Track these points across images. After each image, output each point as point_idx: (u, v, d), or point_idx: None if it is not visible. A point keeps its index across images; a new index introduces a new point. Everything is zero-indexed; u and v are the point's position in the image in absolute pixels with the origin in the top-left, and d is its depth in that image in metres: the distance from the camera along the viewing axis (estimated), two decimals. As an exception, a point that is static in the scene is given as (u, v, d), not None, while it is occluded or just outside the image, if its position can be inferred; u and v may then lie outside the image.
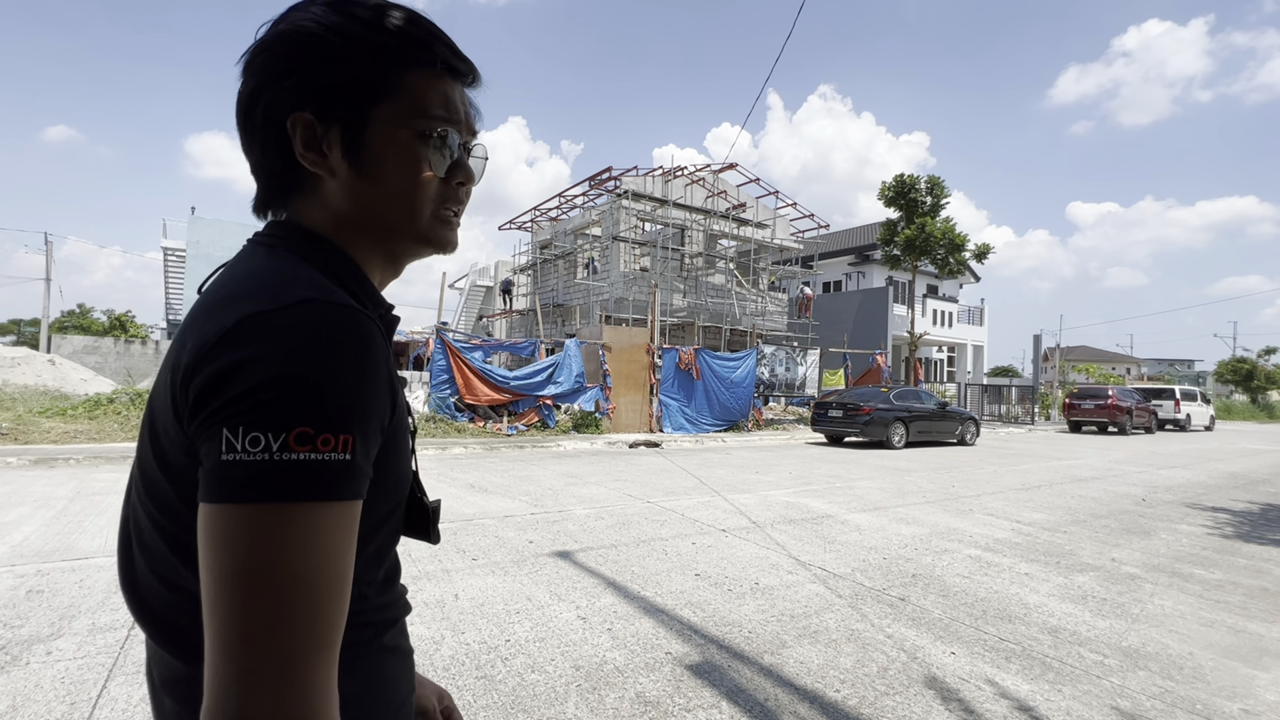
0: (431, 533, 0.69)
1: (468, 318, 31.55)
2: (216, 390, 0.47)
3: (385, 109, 0.59)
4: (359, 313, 0.52)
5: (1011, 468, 10.45)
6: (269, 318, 0.49)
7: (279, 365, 0.47)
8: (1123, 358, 66.76)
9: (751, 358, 16.15)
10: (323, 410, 0.47)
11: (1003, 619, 3.43)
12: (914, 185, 21.71)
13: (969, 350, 32.22)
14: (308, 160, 0.58)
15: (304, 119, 0.58)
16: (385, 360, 0.53)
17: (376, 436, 0.52)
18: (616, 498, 6.58)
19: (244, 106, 0.60)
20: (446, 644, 2.88)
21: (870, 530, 5.44)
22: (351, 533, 0.49)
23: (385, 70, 0.59)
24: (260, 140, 0.60)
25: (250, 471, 0.45)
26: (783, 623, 3.27)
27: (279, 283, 0.53)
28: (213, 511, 0.46)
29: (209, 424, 0.47)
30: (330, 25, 0.58)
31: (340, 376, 0.48)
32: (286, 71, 0.58)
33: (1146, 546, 5.23)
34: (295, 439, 0.46)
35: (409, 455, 0.64)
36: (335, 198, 0.61)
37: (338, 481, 0.47)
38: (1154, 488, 8.62)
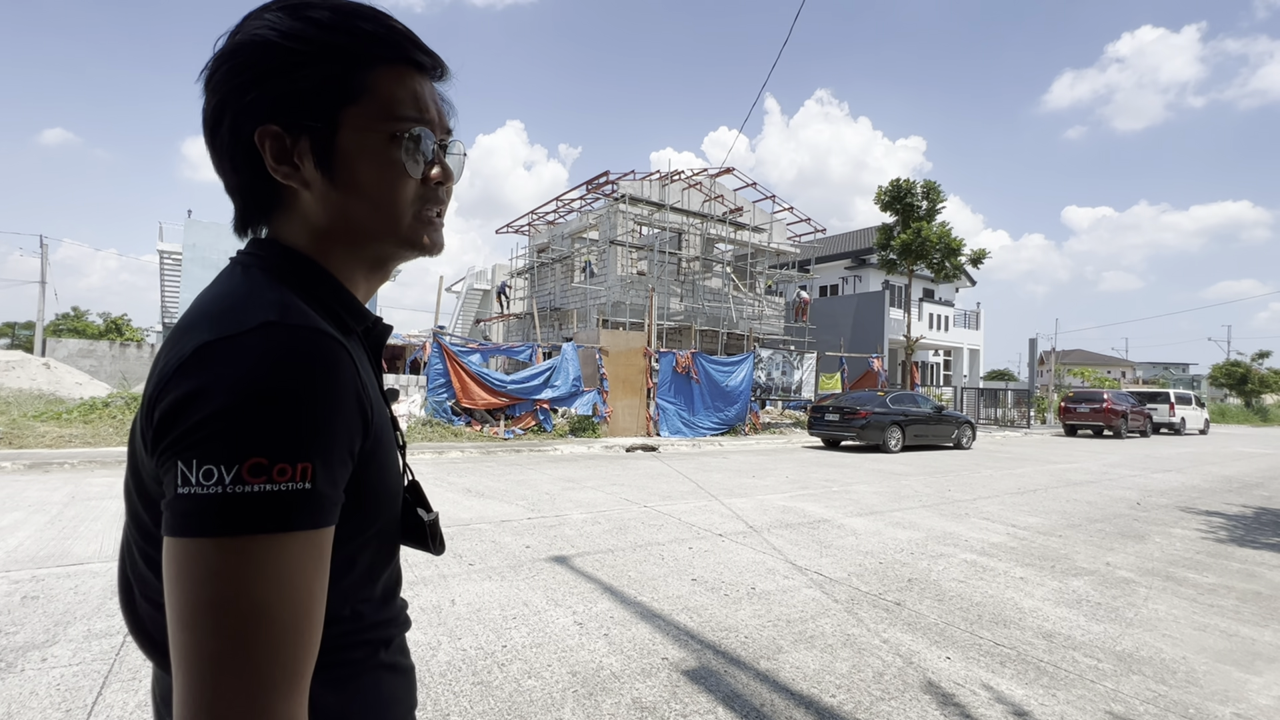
0: (432, 544, 0.69)
1: (465, 321, 31.53)
2: (172, 422, 0.47)
3: (354, 113, 0.58)
4: (320, 334, 0.51)
5: (1007, 471, 10.48)
6: (224, 345, 0.48)
7: (231, 394, 0.46)
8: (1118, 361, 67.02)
9: (748, 361, 16.18)
10: (277, 439, 0.46)
11: (998, 623, 3.44)
12: (910, 190, 21.80)
13: (965, 354, 32.32)
14: (280, 174, 0.57)
15: (271, 131, 0.56)
16: (351, 381, 0.52)
17: (345, 460, 0.52)
18: (613, 502, 6.58)
19: (209, 124, 0.58)
20: (443, 650, 2.88)
21: (866, 535, 5.45)
22: (319, 561, 0.49)
23: (349, 72, 0.57)
24: (230, 157, 0.58)
25: (204, 505, 0.45)
26: (779, 628, 3.27)
27: (241, 306, 0.52)
28: (172, 546, 0.46)
29: (166, 456, 0.47)
30: (287, 31, 0.56)
31: (296, 403, 0.47)
32: (248, 83, 0.56)
33: (1141, 550, 5.26)
34: (249, 470, 0.45)
35: (397, 470, 0.64)
36: (312, 210, 0.59)
37: (296, 512, 0.47)
38: (1148, 491, 8.66)
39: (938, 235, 20.98)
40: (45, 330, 26.32)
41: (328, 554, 0.50)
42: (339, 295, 0.61)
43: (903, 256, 21.74)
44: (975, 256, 21.91)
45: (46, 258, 26.32)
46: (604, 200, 20.79)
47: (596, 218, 21.22)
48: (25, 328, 41.06)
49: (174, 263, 28.42)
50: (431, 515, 0.70)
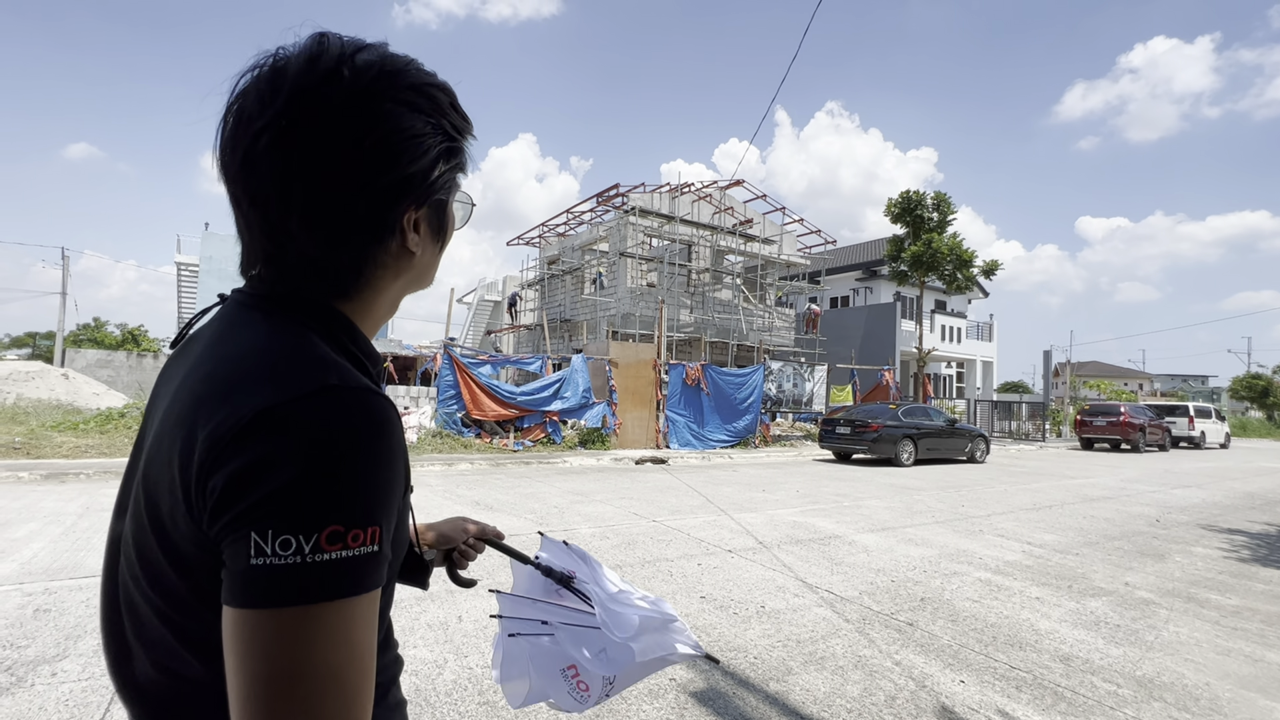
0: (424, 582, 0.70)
1: (475, 332, 31.70)
2: (240, 492, 0.46)
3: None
4: (376, 397, 0.52)
5: (1022, 486, 10.33)
6: (289, 410, 0.48)
7: (304, 464, 0.46)
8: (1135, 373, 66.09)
9: (759, 373, 16.11)
10: (351, 506, 0.47)
11: (1013, 646, 3.37)
12: (920, 201, 21.74)
13: (978, 366, 32.00)
14: (412, 244, 0.60)
15: (414, 214, 0.60)
16: (401, 439, 0.53)
17: (394, 516, 0.53)
18: (622, 516, 6.54)
19: (322, 183, 0.54)
20: (449, 668, 2.86)
21: (878, 551, 5.38)
22: (376, 617, 0.50)
23: (462, 158, 0.63)
24: (341, 224, 0.56)
25: (283, 576, 0.45)
26: (789, 648, 3.22)
27: (291, 365, 0.51)
28: (243, 617, 0.45)
29: (234, 527, 0.46)
30: (428, 109, 0.59)
31: (366, 469, 0.48)
32: (394, 163, 0.56)
33: (1161, 570, 5.14)
34: (327, 539, 0.46)
35: (409, 514, 0.65)
36: (413, 269, 0.63)
37: (368, 574, 0.48)
38: (1168, 508, 8.49)
39: (949, 247, 20.87)
40: (65, 341, 26.79)
41: (379, 609, 0.52)
42: (359, 342, 0.61)
43: (914, 268, 21.64)
44: (987, 268, 21.76)
45: (68, 269, 26.85)
46: (614, 212, 20.90)
47: (606, 230, 21.32)
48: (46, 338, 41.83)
49: (190, 274, 28.88)
50: (430, 554, 0.70)
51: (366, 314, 0.62)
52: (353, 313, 0.61)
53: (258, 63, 0.56)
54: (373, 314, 0.63)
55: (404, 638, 3.17)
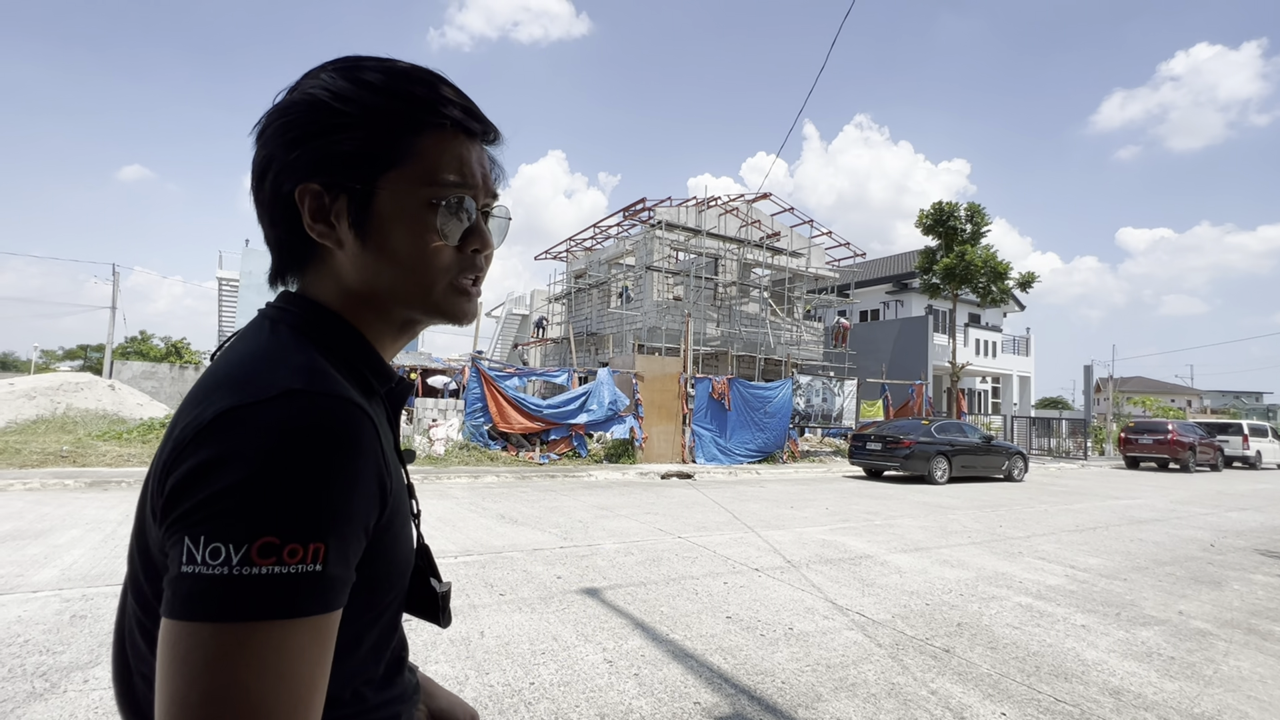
0: (441, 618, 0.65)
1: (504, 345, 32.07)
2: (184, 493, 0.45)
3: (394, 176, 0.57)
4: (347, 404, 0.49)
5: (1064, 506, 9.92)
6: (246, 413, 0.46)
7: (247, 468, 0.44)
8: (1182, 389, 63.42)
9: (787, 387, 15.90)
10: (291, 518, 0.43)
11: (1058, 676, 3.19)
12: (953, 213, 21.34)
13: (1015, 381, 31.09)
14: (315, 231, 0.57)
15: (311, 189, 0.56)
16: (374, 453, 0.50)
17: (360, 538, 0.49)
18: (647, 532, 6.47)
19: (256, 176, 0.59)
20: (470, 685, 2.83)
21: (912, 573, 5.19)
22: (324, 647, 0.46)
23: (394, 137, 0.57)
24: (270, 211, 0.59)
25: (208, 586, 0.42)
26: (818, 673, 3.11)
27: (266, 369, 0.50)
28: (169, 628, 0.43)
29: (174, 529, 0.45)
30: (337, 92, 0.56)
31: (314, 480, 0.45)
32: (295, 141, 0.56)
33: (1218, 598, 4.85)
34: (258, 551, 0.42)
35: (411, 541, 0.61)
36: (344, 270, 0.59)
37: (305, 596, 0.44)
38: (1223, 532, 8.04)
39: (983, 259, 20.41)
40: (114, 353, 27.90)
41: (333, 639, 0.47)
42: (365, 355, 0.59)
43: (946, 281, 21.19)
44: (1023, 280, 21.20)
45: (118, 285, 28.04)
46: (640, 226, 21.00)
47: (633, 244, 21.43)
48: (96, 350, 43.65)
49: (231, 289, 29.90)
50: (444, 586, 0.66)
51: (369, 330, 0.61)
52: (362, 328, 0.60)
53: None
54: (375, 331, 0.61)
55: (425, 652, 3.15)
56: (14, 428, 12.83)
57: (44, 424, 13.28)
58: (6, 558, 4.61)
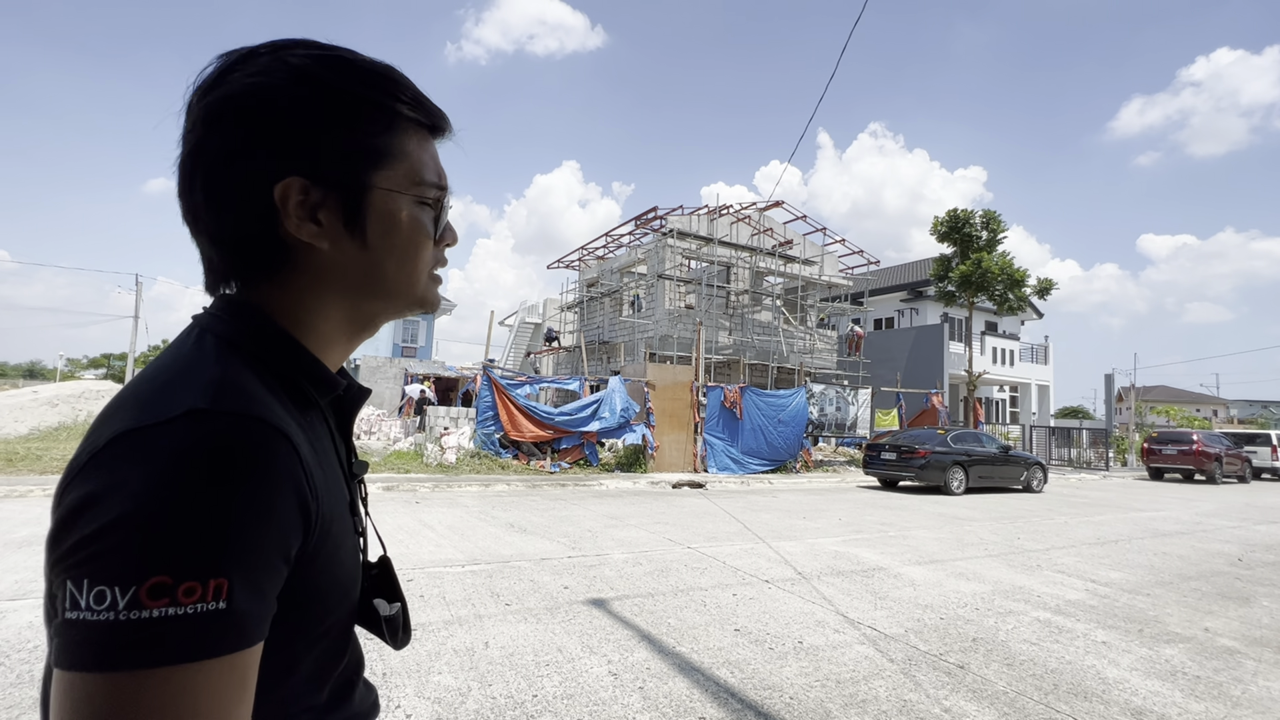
0: (391, 639, 0.62)
1: (516, 354, 32.20)
2: (68, 529, 0.41)
3: (385, 175, 0.56)
4: (254, 423, 0.45)
5: (1084, 518, 9.69)
6: (140, 436, 0.42)
7: (132, 500, 0.40)
8: (1208, 399, 61.98)
9: (800, 395, 15.76)
10: (186, 553, 0.39)
11: (1077, 695, 3.09)
12: (968, 220, 21.13)
13: (1033, 390, 30.59)
14: (304, 232, 0.53)
15: (296, 185, 0.52)
16: (289, 476, 0.46)
17: (277, 568, 0.45)
18: (656, 542, 6.41)
19: (208, 170, 0.52)
20: (473, 697, 2.80)
21: (926, 586, 5.08)
22: (238, 686, 0.42)
23: (383, 133, 0.56)
24: (232, 210, 0.52)
25: (94, 634, 0.38)
26: (828, 688, 3.04)
27: (172, 385, 0.46)
28: (59, 679, 0.39)
29: (57, 570, 0.40)
30: (319, 79, 0.53)
31: (214, 510, 0.41)
32: (271, 131, 0.51)
33: (1246, 615, 4.69)
34: (148, 593, 0.38)
35: (353, 562, 0.58)
36: (328, 267, 0.55)
37: (209, 636, 0.40)
38: (1251, 546, 7.80)
39: (1000, 266, 20.16)
40: (136, 361, 28.42)
41: (251, 677, 0.43)
42: (301, 364, 0.55)
43: (962, 288, 20.96)
44: (1041, 287, 20.91)
45: (141, 295, 28.64)
46: (652, 235, 21.03)
47: (645, 252, 21.45)
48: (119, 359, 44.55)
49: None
50: (392, 608, 0.63)
51: (314, 335, 0.57)
52: (298, 331, 0.56)
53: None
54: (317, 331, 0.57)
55: (429, 663, 3.12)
56: (37, 435, 13.08)
57: (66, 431, 13.54)
58: (23, 563, 4.67)
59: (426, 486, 9.89)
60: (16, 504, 7.20)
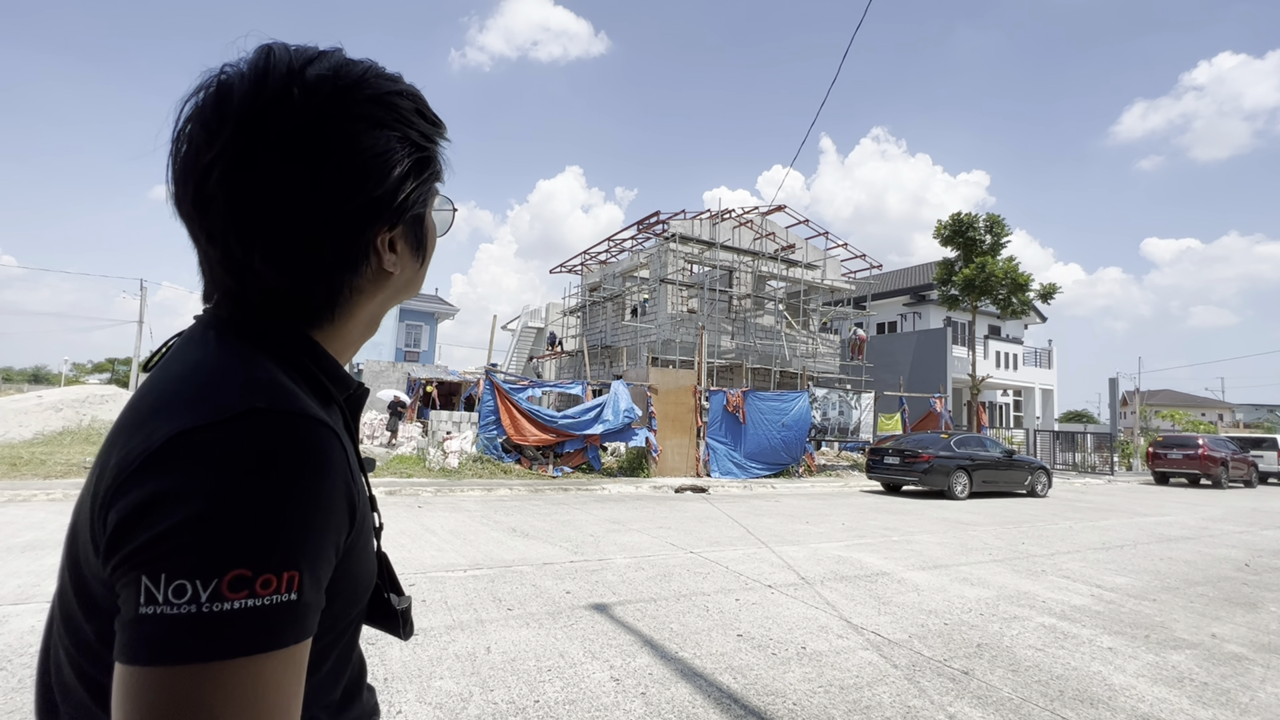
0: (402, 630, 0.63)
1: (519, 358, 32.23)
2: (136, 527, 0.41)
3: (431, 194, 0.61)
4: (312, 422, 0.46)
5: (1089, 523, 9.64)
6: (203, 435, 0.42)
7: (210, 497, 0.40)
8: (1213, 403, 61.72)
9: (803, 399, 15.73)
10: (262, 547, 0.41)
11: (1083, 702, 3.06)
12: (972, 224, 21.12)
13: (1037, 394, 30.49)
14: (388, 263, 0.57)
15: (388, 234, 0.56)
16: (342, 471, 0.47)
17: (331, 559, 0.46)
18: (659, 546, 6.39)
19: (301, 208, 0.49)
20: (474, 702, 2.78)
21: (930, 591, 5.05)
22: (298, 676, 0.43)
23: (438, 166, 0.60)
24: (314, 245, 0.51)
25: (174, 628, 0.39)
26: (831, 694, 3.02)
27: (220, 385, 0.46)
28: (129, 675, 0.39)
29: (126, 568, 0.41)
30: (421, 132, 0.56)
31: (284, 505, 0.42)
32: (368, 185, 0.52)
33: (1254, 621, 4.65)
34: (229, 585, 0.39)
35: (374, 557, 0.59)
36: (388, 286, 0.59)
37: (282, 627, 0.41)
38: (1259, 551, 7.74)
39: (1003, 270, 20.15)
40: (140, 366, 28.53)
41: (304, 667, 0.44)
42: (323, 364, 0.56)
43: (965, 292, 20.94)
44: (1045, 291, 20.88)
45: (145, 300, 28.77)
46: (654, 240, 21.06)
47: (647, 257, 21.48)
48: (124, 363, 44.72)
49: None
50: (404, 602, 0.64)
51: (338, 337, 0.58)
52: (324, 336, 0.57)
53: (202, 84, 0.50)
54: (345, 336, 0.59)
55: (430, 668, 3.12)
56: (41, 439, 13.12)
57: (69, 435, 13.58)
58: (26, 567, 4.68)
59: (429, 491, 9.89)
60: (20, 508, 7.21)
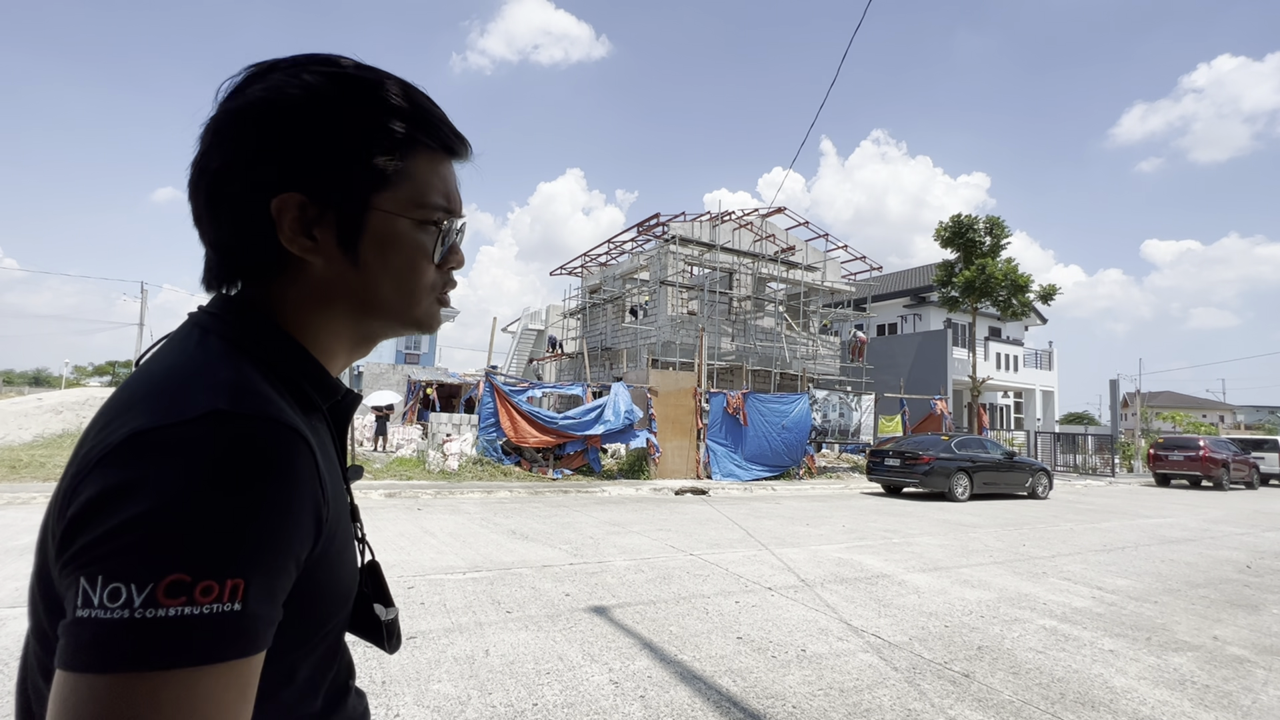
0: (387, 643, 0.62)
1: (519, 360, 32.23)
2: (83, 526, 0.40)
3: (387, 197, 0.55)
4: (276, 425, 0.45)
5: (1090, 525, 9.62)
6: (160, 435, 0.41)
7: (156, 497, 0.39)
8: (1214, 404, 61.66)
9: (804, 401, 15.71)
10: (205, 553, 0.39)
11: (1084, 704, 3.05)
12: (972, 225, 21.12)
13: (1038, 396, 30.46)
14: (296, 245, 0.53)
15: (294, 201, 0.52)
16: (308, 479, 0.46)
17: (290, 572, 0.45)
18: (659, 549, 6.38)
19: (212, 176, 0.53)
20: (472, 705, 2.77)
21: (930, 593, 5.04)
22: (242, 694, 0.41)
23: (389, 153, 0.54)
24: (226, 214, 0.53)
25: (106, 633, 0.37)
26: (830, 697, 3.00)
27: (189, 385, 0.45)
28: (63, 680, 0.38)
29: (71, 567, 0.39)
30: (329, 99, 0.52)
31: (235, 511, 0.40)
32: (275, 147, 0.51)
33: (1255, 623, 4.63)
34: (165, 590, 0.37)
35: (353, 568, 0.57)
36: (320, 282, 0.55)
37: (220, 640, 0.39)
38: (1260, 553, 7.72)
39: (1003, 271, 20.15)
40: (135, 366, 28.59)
41: (254, 684, 0.42)
42: (306, 368, 0.55)
43: (965, 294, 20.94)
44: (1045, 293, 20.87)
45: (146, 303, 28.85)
46: (655, 241, 21.07)
47: (647, 259, 21.49)
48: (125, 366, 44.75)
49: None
50: (390, 613, 0.62)
51: (310, 341, 0.56)
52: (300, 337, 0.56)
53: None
54: (317, 341, 0.57)
55: (428, 671, 3.10)
56: (41, 442, 13.12)
57: (70, 438, 13.57)
58: (24, 570, 4.67)
59: (429, 493, 9.88)
60: (19, 511, 7.21)
